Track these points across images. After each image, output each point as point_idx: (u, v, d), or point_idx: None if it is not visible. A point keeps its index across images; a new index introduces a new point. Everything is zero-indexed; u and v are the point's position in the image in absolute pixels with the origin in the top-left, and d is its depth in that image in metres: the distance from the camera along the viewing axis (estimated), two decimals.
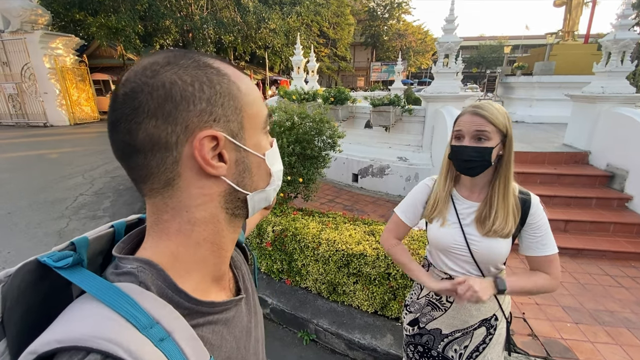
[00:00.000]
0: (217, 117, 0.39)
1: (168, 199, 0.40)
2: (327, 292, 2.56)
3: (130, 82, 0.37)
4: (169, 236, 0.41)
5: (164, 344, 0.34)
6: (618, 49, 4.12)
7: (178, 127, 0.37)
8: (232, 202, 0.43)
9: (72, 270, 0.37)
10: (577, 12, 7.70)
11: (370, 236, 2.48)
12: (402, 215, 1.33)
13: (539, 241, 1.15)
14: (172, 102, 0.36)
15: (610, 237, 3.50)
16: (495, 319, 1.25)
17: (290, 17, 17.85)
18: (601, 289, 2.82)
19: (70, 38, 13.94)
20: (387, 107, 4.72)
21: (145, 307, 0.35)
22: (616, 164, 4.04)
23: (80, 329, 0.32)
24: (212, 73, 0.39)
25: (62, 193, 5.62)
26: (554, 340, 2.23)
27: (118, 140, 0.38)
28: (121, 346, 0.31)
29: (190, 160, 0.38)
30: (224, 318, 0.44)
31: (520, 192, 1.19)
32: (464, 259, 1.20)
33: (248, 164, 0.43)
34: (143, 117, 0.36)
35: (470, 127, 1.10)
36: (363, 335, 2.24)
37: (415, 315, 1.37)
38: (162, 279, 0.39)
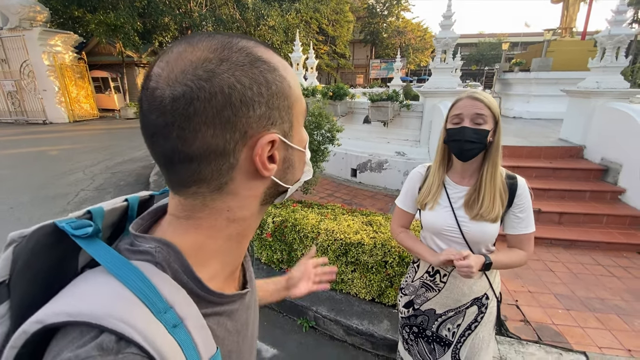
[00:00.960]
0: (274, 121, 0.38)
1: (210, 201, 0.38)
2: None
3: (179, 83, 0.33)
4: (198, 231, 0.39)
5: (177, 330, 0.33)
6: (613, 45, 4.17)
7: (237, 133, 0.35)
8: (271, 195, 0.43)
9: (90, 241, 0.36)
10: (574, 8, 7.74)
11: (367, 226, 2.55)
12: (401, 204, 1.42)
13: (522, 220, 1.23)
14: (231, 108, 0.34)
15: (604, 228, 3.57)
16: (487, 297, 1.32)
17: (290, 14, 17.86)
18: (593, 278, 2.89)
19: (69, 35, 13.94)
20: (386, 102, 4.78)
21: (161, 290, 0.34)
22: (610, 158, 4.11)
23: (94, 304, 0.30)
24: (266, 70, 0.37)
25: (63, 189, 5.68)
26: (546, 325, 2.30)
27: (166, 147, 0.35)
28: (136, 329, 0.29)
29: (246, 164, 0.37)
30: (229, 310, 0.43)
31: (508, 176, 1.26)
32: (456, 241, 1.27)
33: (293, 160, 0.43)
34: (200, 126, 0.33)
35: (471, 110, 1.15)
36: (361, 321, 2.31)
37: (410, 298, 1.44)
38: (179, 263, 0.37)
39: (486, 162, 1.21)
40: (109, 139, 10.48)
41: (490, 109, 1.15)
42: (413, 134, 5.18)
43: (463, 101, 1.19)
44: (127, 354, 0.28)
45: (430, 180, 1.32)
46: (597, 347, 2.13)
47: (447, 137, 1.23)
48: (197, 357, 0.34)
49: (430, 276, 1.37)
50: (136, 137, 10.66)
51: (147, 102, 0.34)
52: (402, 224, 1.45)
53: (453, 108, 1.22)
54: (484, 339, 1.36)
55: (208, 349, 0.36)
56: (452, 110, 1.22)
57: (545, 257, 3.18)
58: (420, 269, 1.42)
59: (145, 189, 2.80)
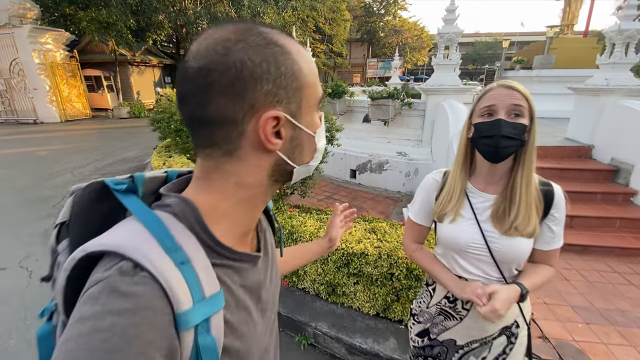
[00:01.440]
0: (280, 99, 0.41)
1: (222, 164, 0.44)
2: (326, 293, 2.42)
3: (202, 57, 0.39)
4: (211, 191, 0.45)
5: (183, 267, 0.38)
6: (622, 40, 4.00)
7: (245, 105, 0.40)
8: (279, 172, 0.47)
9: (125, 195, 0.44)
10: (576, 5, 7.59)
11: (371, 234, 2.35)
12: (414, 217, 1.21)
13: (555, 235, 1.04)
14: (242, 81, 0.39)
15: (617, 232, 3.40)
16: (517, 326, 1.12)
17: (286, 11, 17.62)
18: (610, 287, 2.71)
19: (60, 33, 13.62)
20: (387, 100, 4.58)
21: (174, 233, 0.40)
22: (621, 158, 3.94)
23: (119, 238, 0.38)
24: (277, 52, 0.41)
25: (49, 191, 5.43)
26: (566, 342, 2.12)
27: (188, 111, 0.42)
28: (147, 258, 0.36)
29: (253, 134, 0.42)
30: (238, 267, 0.47)
31: (541, 182, 1.06)
32: (482, 260, 1.06)
33: (300, 141, 0.47)
34: (215, 94, 0.39)
35: (506, 100, 0.95)
36: (364, 339, 2.11)
37: (424, 326, 1.24)
38: (193, 216, 0.42)
39: (519, 164, 1.00)
40: (100, 139, 10.21)
41: (527, 101, 0.95)
42: (415, 134, 4.98)
43: (496, 90, 0.99)
44: (139, 277, 0.35)
45: (449, 187, 1.11)
46: None
47: (476, 132, 1.01)
48: (200, 290, 0.39)
49: (450, 302, 1.16)
50: (129, 137, 10.39)
51: (180, 73, 0.41)
52: (417, 239, 1.25)
53: (483, 99, 1.01)
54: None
55: (211, 287, 0.40)
56: (482, 101, 1.01)
57: (559, 264, 2.99)
58: (437, 293, 1.21)
59: None
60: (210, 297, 0.39)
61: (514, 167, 1.02)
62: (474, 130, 1.02)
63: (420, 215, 1.20)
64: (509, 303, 0.95)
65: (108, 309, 0.32)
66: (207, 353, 0.39)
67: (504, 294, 0.94)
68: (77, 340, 0.31)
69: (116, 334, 0.31)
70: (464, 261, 1.10)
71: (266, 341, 0.56)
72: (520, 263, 1.07)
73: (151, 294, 0.34)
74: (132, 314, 0.33)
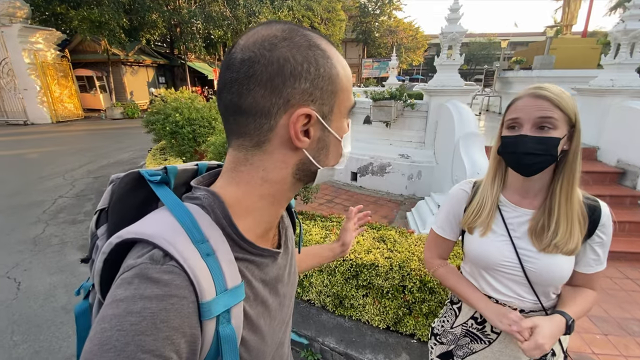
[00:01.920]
0: (315, 99, 0.43)
1: (251, 156, 0.45)
2: (333, 306, 2.30)
3: (249, 49, 0.41)
4: (239, 184, 0.46)
5: (209, 258, 0.40)
6: (628, 40, 3.94)
7: (281, 100, 0.41)
8: (303, 171, 0.48)
9: (159, 186, 0.47)
10: (575, 5, 7.57)
11: (380, 243, 2.23)
12: (439, 230, 1.11)
13: (600, 257, 0.94)
14: (281, 77, 0.41)
15: (626, 237, 3.33)
16: (553, 354, 1.00)
17: (282, 11, 17.46)
18: (625, 294, 2.63)
19: (51, 32, 13.34)
20: (389, 101, 4.47)
21: (201, 225, 0.42)
22: (627, 160, 3.87)
23: (151, 228, 0.40)
24: (319, 55, 0.43)
25: (40, 195, 5.24)
26: (586, 355, 2.02)
27: (227, 98, 0.43)
28: (177, 249, 0.38)
29: (283, 130, 0.43)
30: (259, 261, 0.49)
31: (586, 197, 0.95)
32: (514, 280, 0.96)
33: (327, 143, 0.48)
34: (254, 85, 0.41)
35: (532, 113, 0.86)
36: (375, 355, 2.00)
37: (448, 348, 1.14)
38: (220, 209, 0.44)
39: (560, 176, 0.90)
40: (93, 141, 9.98)
41: (561, 109, 0.84)
42: (417, 135, 4.88)
43: (523, 100, 0.89)
44: (168, 265, 0.37)
45: (478, 199, 1.01)
46: None
47: (502, 147, 0.93)
48: (223, 282, 0.41)
49: (477, 324, 1.06)
50: (123, 138, 10.18)
51: (225, 62, 0.44)
52: (441, 255, 1.15)
53: (510, 110, 0.92)
54: None
55: (233, 279, 0.42)
56: (509, 113, 0.92)
57: None
58: (462, 312, 1.11)
59: None
60: (232, 289, 0.41)
61: (554, 181, 0.92)
62: (501, 143, 0.93)
63: (446, 228, 1.11)
64: (554, 338, 0.84)
65: (140, 293, 0.34)
66: (227, 342, 0.40)
67: (547, 329, 0.84)
68: (111, 320, 0.33)
69: (146, 318, 0.33)
70: (493, 280, 1.00)
71: (281, 335, 0.58)
72: (558, 286, 0.97)
73: (179, 283, 0.36)
74: (161, 299, 0.34)
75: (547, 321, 0.86)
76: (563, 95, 0.86)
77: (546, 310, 0.95)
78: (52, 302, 2.78)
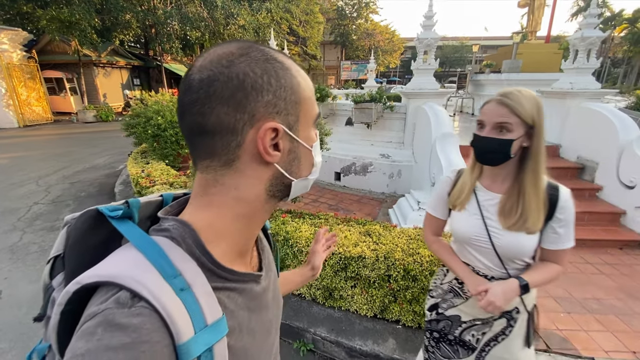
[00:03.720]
0: (279, 110, 0.42)
1: (221, 176, 0.43)
2: (323, 298, 2.42)
3: (206, 69, 0.40)
4: (210, 207, 0.44)
5: (184, 294, 0.37)
6: (585, 47, 4.32)
7: (246, 115, 0.40)
8: (277, 186, 0.46)
9: (121, 221, 0.42)
10: (539, 12, 8.10)
11: (366, 237, 2.37)
12: (432, 211, 1.34)
13: (561, 236, 1.12)
14: (243, 91, 0.40)
15: (586, 226, 3.65)
16: (517, 311, 1.21)
17: (260, 13, 17.43)
18: (585, 277, 2.91)
19: (17, 32, 12.69)
20: (369, 104, 4.66)
21: (172, 259, 0.38)
22: (586, 156, 4.24)
23: (116, 268, 0.36)
24: (278, 67, 0.42)
25: (13, 203, 5.04)
26: (552, 332, 2.25)
27: (190, 120, 0.41)
28: (145, 287, 0.34)
29: (251, 145, 0.42)
30: (241, 288, 0.46)
31: (549, 186, 1.13)
32: (485, 252, 1.17)
33: (298, 154, 0.47)
34: (216, 103, 0.39)
35: (493, 118, 1.05)
36: (364, 341, 2.13)
37: (436, 300, 1.35)
38: (192, 239, 0.41)
39: (524, 169, 1.09)
40: (66, 145, 9.59)
41: (518, 115, 1.02)
42: (397, 136, 5.10)
43: (488, 105, 1.08)
44: (138, 307, 0.33)
45: (461, 183, 1.22)
46: (603, 351, 2.09)
47: (472, 142, 1.13)
48: (202, 318, 0.37)
49: (459, 283, 1.29)
50: (97, 142, 9.85)
51: (183, 85, 0.42)
52: (435, 232, 1.37)
53: (481, 111, 1.12)
54: (516, 354, 1.25)
55: (213, 314, 0.39)
56: (480, 114, 1.11)
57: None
58: (449, 273, 1.34)
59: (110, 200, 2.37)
60: (212, 324, 0.38)
61: (520, 171, 1.10)
62: (472, 138, 1.13)
63: (437, 208, 1.32)
64: (504, 295, 1.03)
65: (105, 344, 0.31)
66: None
67: (498, 290, 1.04)
68: None
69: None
70: (474, 251, 1.20)
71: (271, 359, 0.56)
72: (524, 258, 1.15)
73: (150, 326, 0.33)
74: (131, 348, 0.31)
75: (499, 284, 1.06)
76: (523, 102, 1.03)
77: None
78: (36, 309, 2.65)
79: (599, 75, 29.65)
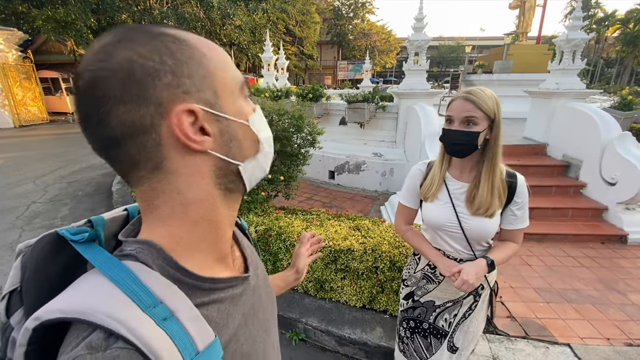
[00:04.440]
0: (186, 89, 0.36)
1: (157, 183, 0.38)
2: (315, 290, 2.53)
3: (86, 71, 0.34)
4: (164, 221, 0.39)
5: (167, 323, 0.33)
6: (570, 48, 4.45)
7: (151, 106, 0.35)
8: (225, 177, 0.42)
9: (86, 245, 0.38)
10: (529, 14, 8.27)
11: (355, 231, 2.48)
12: (404, 201, 1.43)
13: (519, 217, 1.26)
14: (135, 81, 0.34)
15: (570, 221, 3.79)
16: (482, 288, 1.34)
17: (256, 13, 17.49)
18: (566, 269, 3.04)
19: (12, 32, 12.68)
20: (362, 103, 4.77)
21: (150, 286, 0.35)
22: (571, 155, 4.38)
23: (83, 302, 0.32)
24: (169, 41, 0.36)
25: (11, 202, 5.10)
26: (530, 320, 2.37)
27: (93, 134, 0.36)
28: (122, 323, 0.30)
29: (172, 139, 0.36)
30: (230, 295, 0.43)
31: (508, 174, 1.26)
32: (455, 237, 1.28)
33: (233, 133, 0.41)
34: (111, 105, 0.34)
35: (460, 113, 1.17)
36: (353, 330, 2.24)
37: (411, 289, 1.45)
38: (162, 258, 0.38)
39: (484, 159, 1.22)
40: (62, 145, 9.63)
41: (482, 110, 1.15)
42: (389, 135, 5.22)
43: (456, 102, 1.20)
44: (114, 349, 0.29)
45: (431, 175, 1.32)
46: (579, 338, 2.22)
47: (442, 136, 1.24)
48: (192, 346, 0.34)
49: (431, 268, 1.39)
50: None
51: (73, 101, 0.36)
52: (407, 221, 1.47)
53: (448, 107, 1.23)
54: (479, 326, 1.40)
55: (204, 338, 0.35)
56: (447, 110, 1.23)
57: (520, 251, 3.30)
58: (421, 261, 1.44)
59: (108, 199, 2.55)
60: (205, 350, 0.35)
61: (481, 161, 1.23)
62: (442, 133, 1.24)
63: (409, 199, 1.42)
64: (475, 274, 1.15)
65: None
66: None
67: (471, 269, 1.16)
68: None
69: None
70: (443, 235, 1.32)
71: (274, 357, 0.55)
72: (487, 240, 1.29)
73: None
74: None
75: (470, 265, 1.18)
76: (485, 99, 1.16)
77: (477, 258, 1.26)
78: None
79: (592, 75, 30.01)
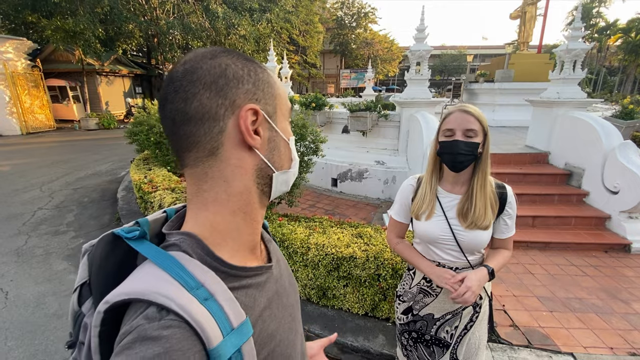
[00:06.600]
0: (258, 98, 0.46)
1: (209, 168, 0.45)
2: (317, 297, 2.54)
3: (190, 62, 0.44)
4: (207, 206, 0.46)
5: (208, 302, 0.39)
6: (570, 58, 4.51)
7: (227, 101, 0.43)
8: (262, 178, 0.49)
9: (138, 241, 0.45)
10: (530, 24, 8.36)
11: (358, 238, 2.51)
12: (395, 216, 1.44)
13: (510, 225, 1.30)
14: (225, 78, 0.43)
15: (572, 230, 3.79)
16: (480, 298, 1.35)
17: (260, 23, 17.77)
18: (569, 278, 3.03)
19: (22, 41, 12.98)
20: (364, 112, 4.83)
21: (192, 271, 0.41)
22: (573, 163, 4.39)
23: (142, 285, 0.38)
24: (256, 65, 0.48)
25: (17, 208, 5.17)
26: (533, 328, 2.36)
27: (172, 109, 0.43)
28: (174, 301, 0.37)
29: (233, 131, 0.44)
30: (257, 282, 0.49)
31: (497, 185, 1.30)
32: (450, 248, 1.30)
33: (277, 143, 0.50)
34: (199, 89, 0.42)
35: (462, 124, 1.19)
36: (355, 337, 2.25)
37: (408, 304, 1.45)
38: (200, 248, 0.44)
39: (476, 171, 1.25)
40: (68, 152, 9.76)
41: (480, 123, 1.19)
42: (391, 143, 5.26)
43: (454, 115, 1.22)
44: (167, 320, 0.36)
45: (422, 190, 1.34)
46: (582, 347, 2.21)
47: (440, 149, 1.26)
48: (228, 323, 0.40)
49: (427, 282, 1.39)
50: (100, 149, 10.02)
51: (167, 78, 0.44)
52: (398, 234, 1.48)
53: (445, 121, 1.25)
54: (481, 337, 1.39)
55: (237, 317, 0.41)
56: (445, 124, 1.24)
57: (523, 260, 3.31)
58: (416, 276, 1.44)
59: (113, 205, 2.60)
60: (238, 327, 0.41)
61: (473, 174, 1.26)
62: (439, 147, 1.26)
63: (400, 214, 1.43)
64: (479, 282, 1.17)
65: (141, 356, 0.33)
66: None
67: (474, 276, 1.18)
68: None
69: None
70: (437, 249, 1.33)
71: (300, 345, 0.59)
72: (481, 249, 1.32)
73: (180, 335, 0.35)
74: (165, 356, 0.34)
75: (473, 273, 1.19)
76: (480, 113, 1.22)
77: (472, 266, 1.28)
78: (43, 309, 2.84)
79: (595, 84, 30.05)
